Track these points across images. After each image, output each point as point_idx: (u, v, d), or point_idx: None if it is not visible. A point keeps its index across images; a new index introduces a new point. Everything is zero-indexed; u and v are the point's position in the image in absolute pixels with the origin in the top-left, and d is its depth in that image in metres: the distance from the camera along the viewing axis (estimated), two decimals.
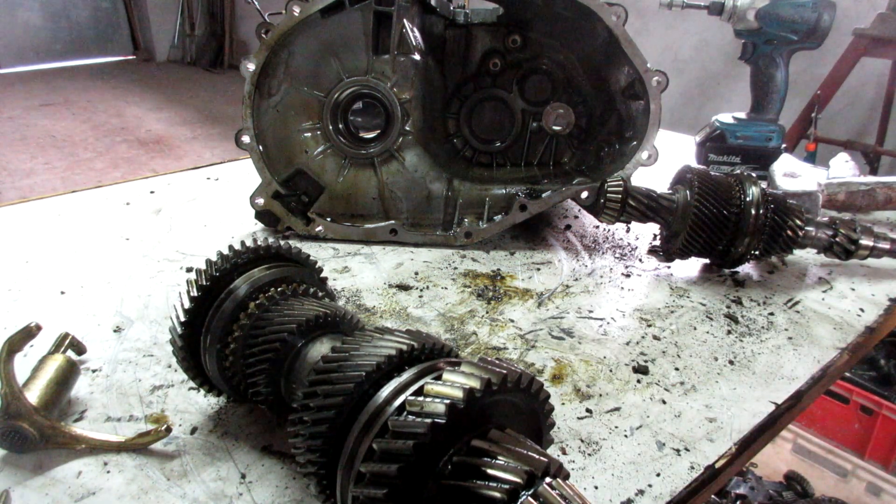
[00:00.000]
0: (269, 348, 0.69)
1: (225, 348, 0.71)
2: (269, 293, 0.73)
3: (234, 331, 0.71)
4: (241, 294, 0.72)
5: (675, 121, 2.25)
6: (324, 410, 0.56)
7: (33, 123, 6.71)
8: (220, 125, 6.72)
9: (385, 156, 1.28)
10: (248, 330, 0.70)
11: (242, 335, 0.70)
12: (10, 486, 0.68)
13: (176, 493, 0.68)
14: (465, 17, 1.36)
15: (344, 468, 0.54)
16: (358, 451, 0.53)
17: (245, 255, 0.75)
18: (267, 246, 0.77)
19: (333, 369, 0.58)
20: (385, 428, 0.52)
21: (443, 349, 0.61)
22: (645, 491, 0.70)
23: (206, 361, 0.73)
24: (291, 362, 0.69)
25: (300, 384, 0.63)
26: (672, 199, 1.15)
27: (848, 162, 1.52)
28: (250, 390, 0.72)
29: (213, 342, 0.72)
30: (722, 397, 0.85)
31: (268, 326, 0.70)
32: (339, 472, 0.55)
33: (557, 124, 1.38)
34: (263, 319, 0.71)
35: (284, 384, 0.69)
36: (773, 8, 1.53)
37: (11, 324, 0.97)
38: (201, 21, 9.41)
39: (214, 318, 0.72)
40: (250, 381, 0.70)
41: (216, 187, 1.58)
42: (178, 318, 0.73)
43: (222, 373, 0.72)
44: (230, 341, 0.71)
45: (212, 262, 0.74)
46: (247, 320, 0.71)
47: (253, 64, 1.21)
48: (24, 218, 1.37)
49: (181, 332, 0.72)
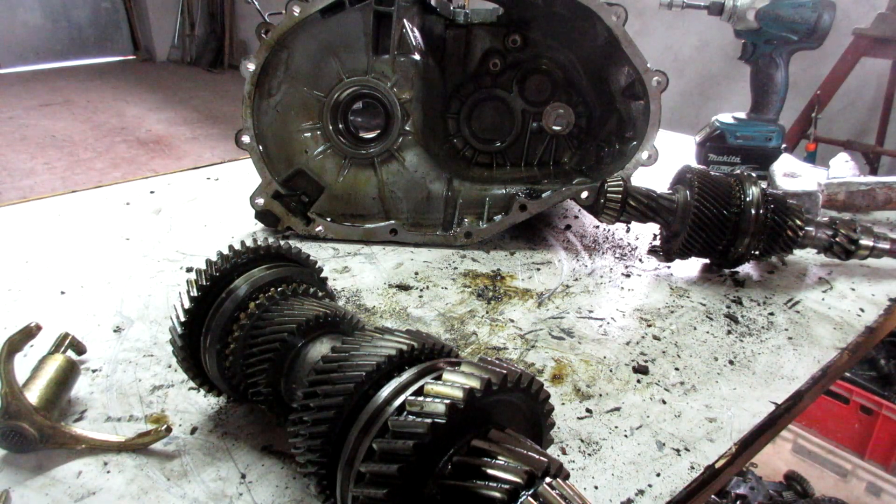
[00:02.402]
0: (269, 348, 0.69)
1: (225, 348, 0.71)
2: (269, 293, 0.73)
3: (234, 331, 0.71)
4: (241, 294, 0.72)
5: (675, 121, 2.25)
6: (324, 410, 0.56)
7: (33, 123, 6.71)
8: (220, 125, 6.72)
9: (385, 156, 1.28)
10: (248, 330, 0.70)
11: (242, 335, 0.70)
12: (10, 486, 0.68)
13: (176, 493, 0.68)
14: (465, 17, 1.36)
15: (344, 468, 0.54)
16: (358, 450, 0.53)
17: (245, 255, 0.75)
18: (267, 246, 0.77)
19: (333, 369, 0.58)
20: (385, 428, 0.52)
21: (443, 349, 0.61)
22: (645, 491, 0.70)
23: (207, 361, 0.73)
24: (291, 362, 0.69)
25: (300, 384, 0.63)
26: (672, 199, 1.15)
27: (848, 162, 1.52)
28: (250, 390, 0.72)
29: (213, 342, 0.72)
30: (722, 397, 0.85)
31: (268, 326, 0.70)
32: (339, 471, 0.55)
33: (557, 124, 1.38)
34: (263, 319, 0.71)
35: (284, 384, 0.69)
36: (773, 8, 1.53)
37: (11, 324, 0.97)
38: (201, 21, 9.41)
39: (214, 319, 0.72)
40: (250, 381, 0.70)
41: (216, 187, 1.58)
42: (178, 318, 0.73)
43: (222, 373, 0.72)
44: (230, 341, 0.71)
45: (212, 262, 0.74)
46: (247, 320, 0.71)
47: (253, 64, 1.21)
48: (24, 218, 1.37)
49: (181, 332, 0.72)
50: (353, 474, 0.53)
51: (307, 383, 0.59)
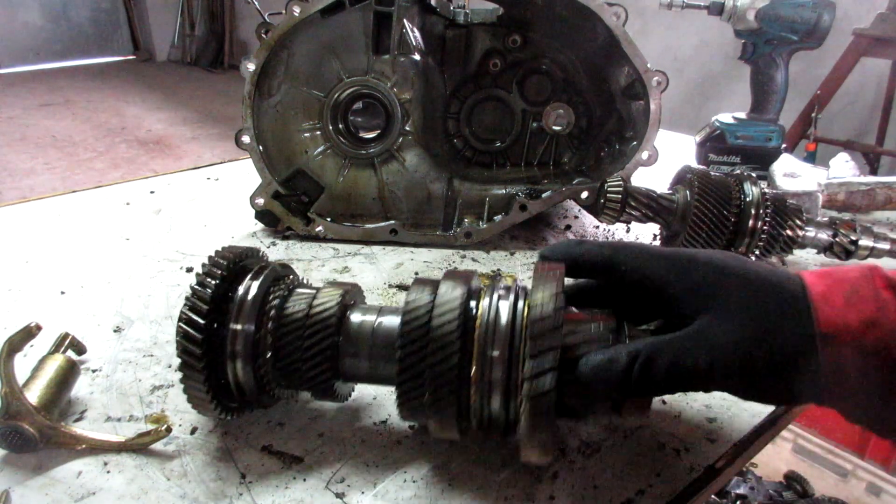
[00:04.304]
0: (327, 333, 0.69)
1: (256, 349, 0.70)
2: (281, 288, 0.73)
3: (264, 328, 0.70)
4: (258, 295, 0.70)
5: (675, 121, 2.25)
6: (441, 352, 0.63)
7: (33, 123, 6.71)
8: (220, 125, 6.73)
9: (385, 156, 1.28)
10: (289, 323, 0.70)
11: (282, 330, 0.70)
12: (10, 486, 0.68)
13: (176, 493, 0.68)
14: (465, 17, 1.36)
15: (482, 385, 0.63)
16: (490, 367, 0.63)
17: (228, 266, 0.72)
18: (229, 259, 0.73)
19: (422, 322, 0.64)
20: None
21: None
22: (645, 491, 0.70)
23: (233, 370, 0.70)
24: (345, 338, 0.71)
25: (366, 355, 0.70)
26: (672, 199, 1.15)
27: (848, 162, 1.52)
28: (289, 384, 0.72)
29: (244, 344, 0.69)
30: (722, 397, 0.85)
31: (312, 314, 0.70)
32: (480, 393, 0.63)
33: (557, 124, 1.38)
34: (292, 313, 0.70)
35: (344, 361, 0.71)
36: (773, 8, 1.53)
37: (11, 324, 0.97)
38: (201, 21, 9.42)
39: (241, 315, 0.69)
40: (305, 369, 0.69)
41: (216, 187, 1.58)
42: (191, 338, 0.67)
43: (255, 377, 0.70)
44: (261, 339, 0.70)
45: (214, 265, 0.71)
46: (275, 311, 0.70)
47: (253, 64, 1.21)
48: (24, 218, 1.37)
49: (200, 352, 0.67)
50: (495, 385, 0.63)
51: (401, 343, 0.64)
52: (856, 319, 0.58)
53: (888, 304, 0.59)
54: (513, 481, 0.70)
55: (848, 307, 0.59)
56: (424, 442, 0.75)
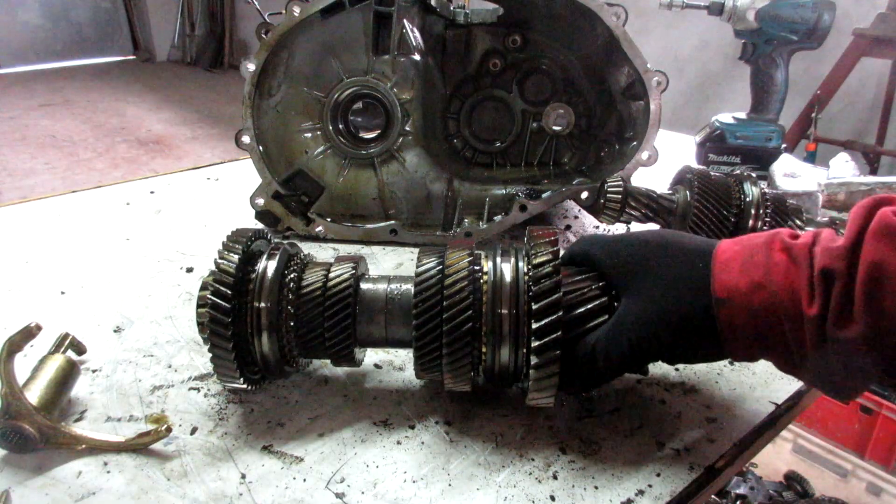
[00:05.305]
0: (345, 304, 0.74)
1: (278, 321, 0.75)
2: (295, 263, 0.78)
3: (283, 302, 0.75)
4: (277, 273, 0.76)
5: (675, 121, 2.25)
6: (457, 311, 0.68)
7: (33, 123, 6.71)
8: (220, 125, 6.73)
9: (385, 156, 1.28)
10: (299, 298, 0.75)
11: (304, 301, 0.75)
12: (10, 486, 0.68)
13: (176, 493, 0.68)
14: (465, 17, 1.36)
15: (494, 338, 0.70)
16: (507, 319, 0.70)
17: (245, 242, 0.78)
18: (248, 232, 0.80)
19: (436, 287, 0.70)
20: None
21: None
22: (645, 491, 0.70)
23: (259, 343, 0.75)
24: (361, 306, 0.76)
25: (388, 321, 0.75)
26: (672, 199, 1.15)
27: (848, 162, 1.52)
28: (309, 353, 0.79)
29: (268, 319, 0.74)
30: (722, 397, 0.85)
31: (331, 286, 0.75)
32: (491, 346, 0.70)
33: (557, 124, 1.38)
34: (310, 286, 0.75)
35: (360, 328, 0.76)
36: (773, 8, 1.53)
37: (11, 324, 0.97)
38: (201, 21, 9.42)
39: (263, 292, 0.75)
40: (328, 337, 0.75)
41: (216, 187, 1.58)
42: (218, 310, 0.72)
43: (279, 348, 0.76)
44: (283, 311, 0.75)
45: (232, 243, 0.77)
46: (294, 286, 0.75)
47: (253, 64, 1.21)
48: (24, 218, 1.37)
49: (229, 331, 0.72)
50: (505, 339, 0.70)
51: (419, 311, 0.69)
52: (746, 283, 0.64)
53: (778, 266, 0.63)
54: (513, 481, 0.70)
55: (742, 272, 0.65)
56: (424, 442, 0.75)
